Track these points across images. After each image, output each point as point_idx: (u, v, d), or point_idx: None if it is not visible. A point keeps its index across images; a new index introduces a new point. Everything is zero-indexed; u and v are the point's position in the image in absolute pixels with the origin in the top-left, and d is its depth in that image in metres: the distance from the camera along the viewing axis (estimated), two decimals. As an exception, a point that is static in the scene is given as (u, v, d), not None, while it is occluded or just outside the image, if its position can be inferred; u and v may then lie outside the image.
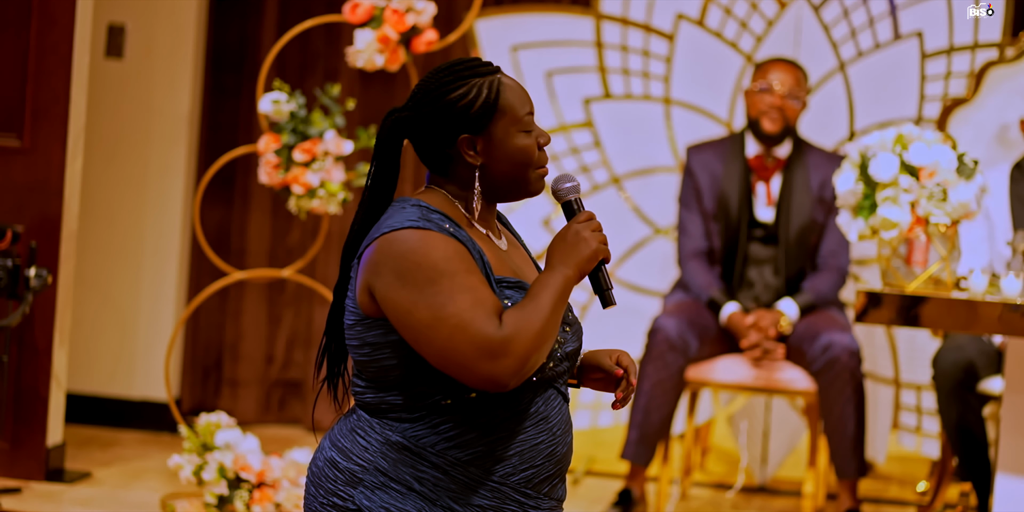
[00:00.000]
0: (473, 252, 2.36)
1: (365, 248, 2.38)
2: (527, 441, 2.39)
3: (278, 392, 6.06)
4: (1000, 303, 3.99)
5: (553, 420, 2.42)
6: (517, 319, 2.28)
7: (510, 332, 2.27)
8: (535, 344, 2.29)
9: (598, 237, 2.37)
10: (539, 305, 2.30)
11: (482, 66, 2.43)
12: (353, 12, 4.72)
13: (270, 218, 5.96)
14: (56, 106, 4.94)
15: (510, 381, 2.28)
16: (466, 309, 2.27)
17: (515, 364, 2.27)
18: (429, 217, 2.35)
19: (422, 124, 2.43)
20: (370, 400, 2.41)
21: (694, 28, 5.54)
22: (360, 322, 2.38)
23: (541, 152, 2.45)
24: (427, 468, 2.37)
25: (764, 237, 5.08)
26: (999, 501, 4.21)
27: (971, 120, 5.32)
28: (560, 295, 2.32)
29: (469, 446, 2.37)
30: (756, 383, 4.93)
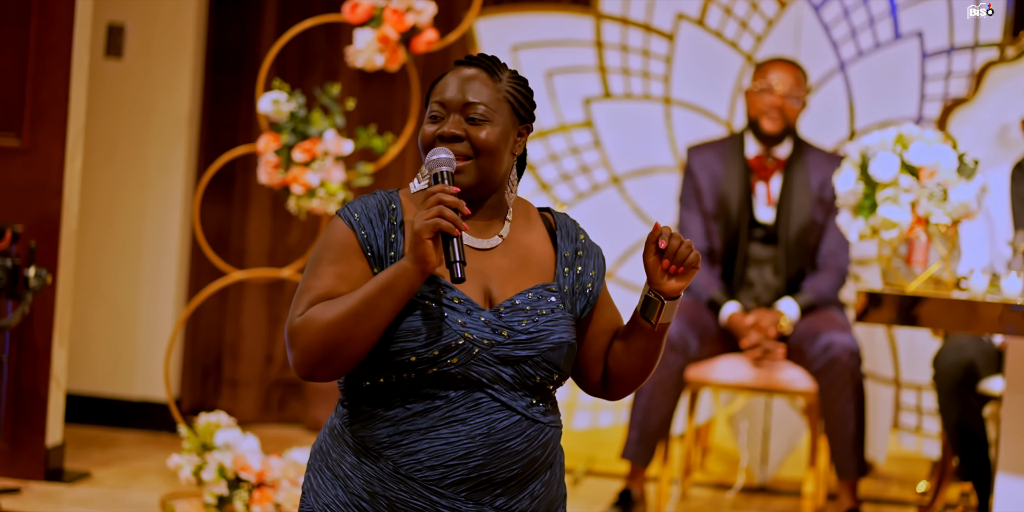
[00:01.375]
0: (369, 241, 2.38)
1: None
2: (437, 439, 2.37)
3: (278, 392, 6.06)
4: (1000, 303, 3.98)
5: (472, 423, 2.38)
6: (315, 310, 2.33)
7: (300, 323, 2.33)
8: (319, 338, 2.31)
9: (426, 214, 2.30)
10: (349, 298, 2.32)
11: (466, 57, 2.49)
12: (353, 12, 4.72)
13: (270, 218, 5.96)
14: (56, 106, 4.94)
15: (300, 370, 2.34)
16: (302, 292, 2.37)
17: (298, 355, 2.33)
18: (366, 201, 2.42)
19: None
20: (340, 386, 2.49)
21: (694, 28, 5.54)
22: None
23: (444, 142, 2.43)
24: (347, 454, 2.41)
25: (764, 237, 5.08)
26: (999, 501, 4.21)
27: (971, 120, 5.31)
28: (381, 287, 2.31)
29: (374, 431, 2.38)
30: (756, 383, 4.92)
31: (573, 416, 5.60)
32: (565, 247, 2.53)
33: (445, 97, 2.43)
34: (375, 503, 2.38)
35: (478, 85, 2.44)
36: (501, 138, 2.44)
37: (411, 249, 2.31)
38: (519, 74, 2.51)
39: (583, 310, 2.50)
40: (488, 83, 2.45)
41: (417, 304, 2.36)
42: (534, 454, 2.43)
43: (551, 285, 2.48)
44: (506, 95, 2.45)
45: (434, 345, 2.35)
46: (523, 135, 2.50)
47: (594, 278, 2.53)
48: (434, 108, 2.44)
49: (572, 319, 2.48)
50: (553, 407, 2.52)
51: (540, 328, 2.42)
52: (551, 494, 2.49)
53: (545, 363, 2.43)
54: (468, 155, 2.42)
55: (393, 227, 2.42)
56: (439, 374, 2.35)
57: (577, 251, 2.53)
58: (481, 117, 2.43)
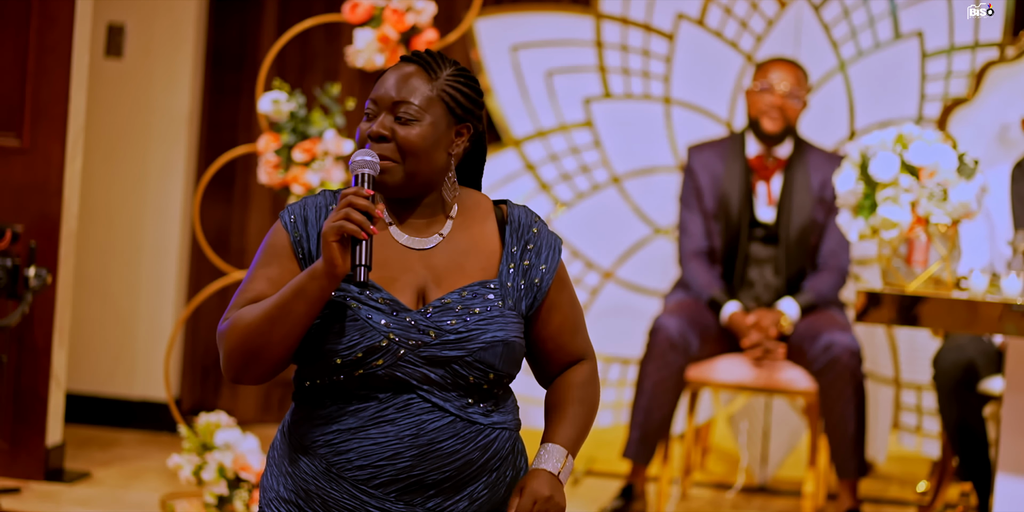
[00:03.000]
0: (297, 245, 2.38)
1: None
2: (366, 439, 2.36)
3: (278, 392, 6.05)
4: (1000, 303, 3.98)
5: (401, 424, 2.35)
6: (239, 314, 2.35)
7: (226, 327, 2.37)
8: (240, 342, 2.34)
9: (333, 216, 2.27)
10: (266, 303, 2.32)
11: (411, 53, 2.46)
12: (353, 12, 4.72)
13: (270, 218, 5.96)
14: (56, 106, 4.94)
15: (227, 374, 2.38)
16: (235, 295, 2.39)
17: (224, 359, 2.37)
18: (306, 202, 2.42)
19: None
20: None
21: (694, 28, 5.54)
22: None
23: (373, 142, 2.39)
24: (289, 450, 2.42)
25: (765, 237, 5.08)
26: (1000, 501, 4.21)
27: (971, 120, 5.31)
28: (294, 291, 2.30)
29: (310, 433, 2.39)
30: (756, 383, 4.92)
31: (573, 416, 5.59)
32: (513, 242, 2.47)
33: (378, 94, 2.40)
34: (310, 501, 2.39)
35: (413, 83, 2.40)
36: (430, 138, 2.39)
37: (323, 251, 2.28)
38: (466, 72, 2.47)
39: (530, 307, 2.45)
40: (424, 80, 2.41)
41: (343, 306, 2.35)
42: (470, 456, 2.38)
43: (490, 282, 2.42)
44: (440, 93, 2.41)
45: (357, 347, 2.33)
46: (463, 134, 2.45)
47: (544, 273, 2.46)
48: (368, 105, 2.41)
49: (515, 316, 2.42)
50: (500, 407, 2.44)
51: (471, 327, 2.37)
52: (496, 497, 2.43)
53: (478, 363, 2.37)
54: (393, 157, 2.38)
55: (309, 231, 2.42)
56: (366, 376, 2.34)
57: (527, 245, 2.47)
58: (409, 116, 2.38)
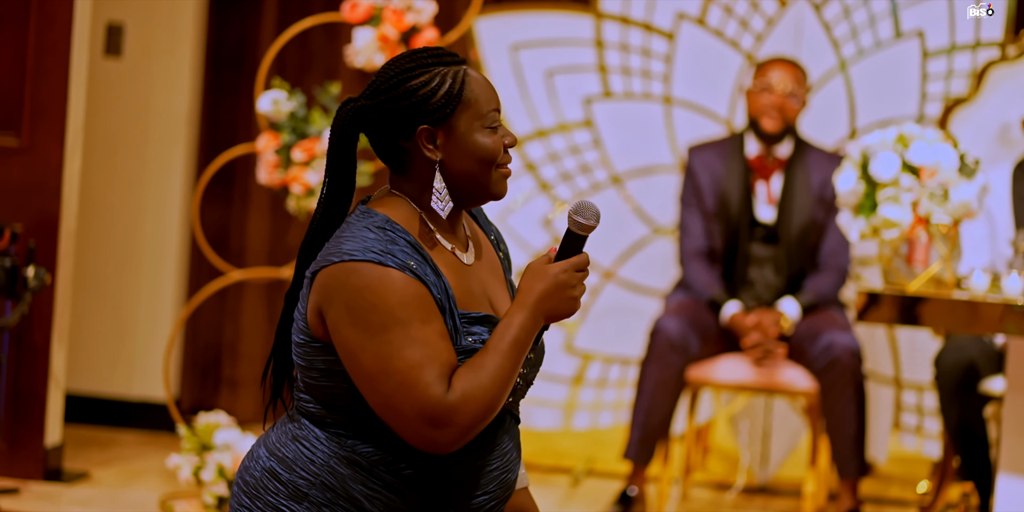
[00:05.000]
0: (435, 291, 2.19)
1: (320, 267, 2.20)
2: (482, 467, 2.27)
3: (277, 392, 6.04)
4: (1001, 303, 3.97)
5: (506, 446, 2.31)
6: (468, 384, 2.13)
7: (457, 401, 2.13)
8: (483, 413, 2.15)
9: (581, 295, 2.21)
10: (498, 366, 2.15)
11: (448, 55, 2.28)
12: (352, 11, 4.71)
13: (269, 218, 5.95)
14: (55, 105, 4.93)
15: (450, 449, 2.16)
16: (414, 366, 2.12)
17: (457, 434, 2.14)
18: (391, 249, 2.17)
19: (379, 114, 2.26)
20: (314, 411, 2.27)
21: (694, 27, 5.53)
22: (309, 343, 2.24)
23: (506, 153, 2.29)
24: (379, 487, 2.23)
25: (765, 236, 5.07)
26: (1000, 501, 4.20)
27: (972, 119, 5.31)
28: (525, 348, 2.18)
29: (424, 469, 2.23)
30: (757, 383, 4.92)
31: (573, 416, 5.59)
32: (490, 231, 2.44)
33: (498, 104, 2.29)
34: None
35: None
36: None
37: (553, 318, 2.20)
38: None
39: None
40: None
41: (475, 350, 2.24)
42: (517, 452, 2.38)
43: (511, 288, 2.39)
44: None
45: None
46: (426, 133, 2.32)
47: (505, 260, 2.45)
48: (492, 115, 2.28)
49: None
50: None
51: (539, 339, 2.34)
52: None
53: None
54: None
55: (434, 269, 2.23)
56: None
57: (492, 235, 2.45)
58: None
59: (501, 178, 2.29)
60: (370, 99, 2.28)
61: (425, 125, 2.25)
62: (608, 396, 5.57)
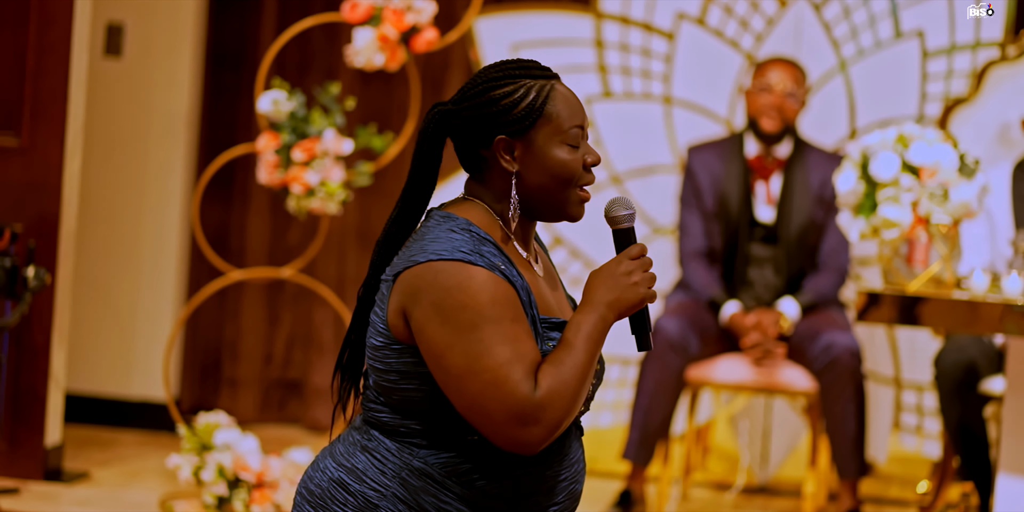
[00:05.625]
0: (522, 293, 2.20)
1: (404, 267, 2.20)
2: (552, 477, 2.27)
3: (277, 392, 6.05)
4: (1001, 303, 3.97)
5: (574, 457, 2.31)
6: (552, 380, 2.13)
7: (544, 397, 2.12)
8: (570, 409, 2.15)
9: (649, 280, 2.21)
10: (576, 361, 2.15)
11: (538, 69, 2.28)
12: (352, 11, 4.71)
13: (269, 218, 5.95)
14: (55, 105, 4.93)
15: (538, 448, 2.15)
16: (503, 364, 2.12)
17: (545, 432, 2.14)
18: (480, 250, 2.18)
19: (461, 120, 2.27)
20: (386, 420, 2.26)
21: (694, 27, 5.53)
22: (389, 346, 2.23)
23: (587, 172, 2.28)
24: (451, 499, 2.22)
25: (765, 237, 5.07)
26: (1000, 501, 4.20)
27: (972, 119, 5.31)
28: (598, 345, 2.18)
29: (496, 480, 2.23)
30: (757, 383, 4.91)
31: (573, 416, 5.59)
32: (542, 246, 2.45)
33: (582, 120, 2.28)
34: None
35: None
36: None
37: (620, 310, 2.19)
38: None
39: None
40: None
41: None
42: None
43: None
44: None
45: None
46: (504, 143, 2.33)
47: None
48: (575, 131, 2.27)
49: None
50: None
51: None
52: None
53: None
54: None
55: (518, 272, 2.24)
56: None
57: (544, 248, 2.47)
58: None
59: (579, 200, 2.29)
60: (455, 104, 2.29)
61: (503, 135, 2.26)
62: (608, 396, 5.57)
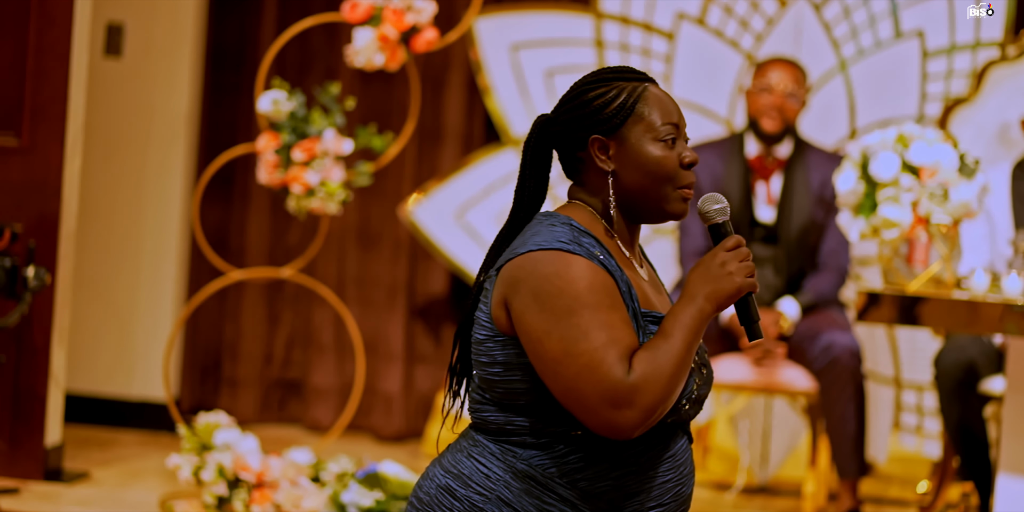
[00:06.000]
0: (621, 283, 2.24)
1: (507, 260, 2.25)
2: (657, 478, 2.28)
3: (277, 392, 6.05)
4: (1001, 303, 3.97)
5: (680, 459, 2.32)
6: (647, 365, 2.15)
7: (638, 380, 2.15)
8: (664, 395, 2.16)
9: (745, 269, 2.23)
10: (672, 348, 2.17)
11: (632, 72, 2.34)
12: (352, 11, 4.71)
13: (269, 218, 5.95)
14: (55, 105, 4.93)
15: (632, 432, 2.16)
16: (598, 348, 2.15)
17: (639, 416, 2.15)
18: (580, 241, 2.23)
19: (560, 125, 2.33)
20: (491, 419, 2.29)
21: (694, 27, 5.53)
22: (492, 338, 2.27)
23: (686, 171, 2.31)
24: (554, 501, 2.24)
25: (765, 237, 5.07)
26: (1000, 501, 4.20)
27: (972, 119, 5.31)
28: (695, 334, 2.19)
29: (599, 479, 2.24)
30: (757, 383, 4.92)
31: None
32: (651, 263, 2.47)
33: (677, 118, 2.31)
34: None
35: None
36: None
37: (718, 299, 2.21)
38: None
39: None
40: None
41: None
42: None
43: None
44: None
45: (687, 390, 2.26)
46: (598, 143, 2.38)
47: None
48: (667, 129, 2.30)
49: None
50: None
51: (707, 359, 2.36)
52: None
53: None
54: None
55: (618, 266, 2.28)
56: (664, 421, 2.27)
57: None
58: (687, 139, 2.34)
59: (679, 198, 2.32)
60: (554, 112, 2.35)
61: (597, 135, 2.30)
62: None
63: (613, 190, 2.31)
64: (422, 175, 5.86)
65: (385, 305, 5.91)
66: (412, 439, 5.91)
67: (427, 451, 5.66)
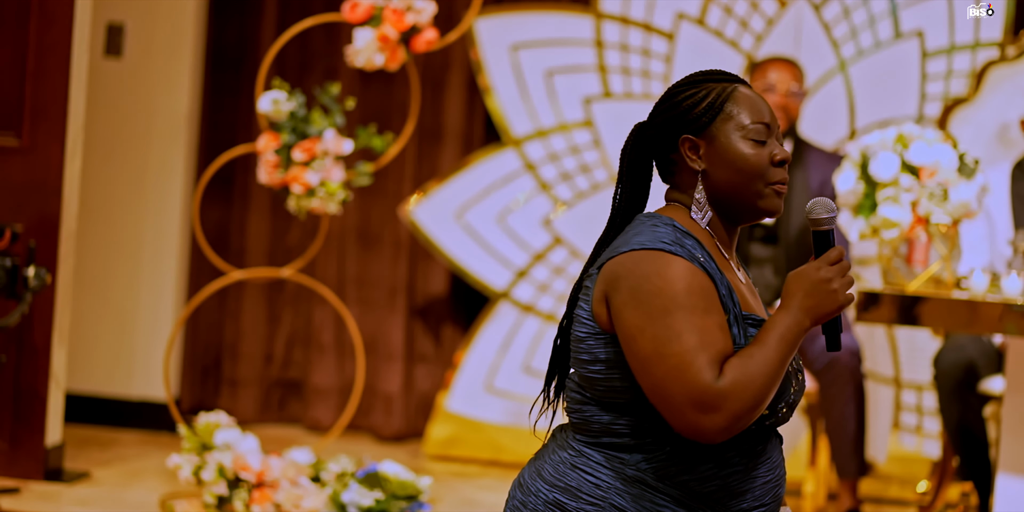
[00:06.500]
0: (721, 287, 2.25)
1: (608, 258, 2.27)
2: (759, 478, 2.29)
3: (277, 392, 6.05)
4: (1001, 303, 3.98)
5: (776, 461, 2.33)
6: (739, 372, 2.16)
7: (727, 386, 2.15)
8: (753, 403, 2.16)
9: (847, 285, 2.23)
10: (766, 358, 2.18)
11: (722, 74, 2.37)
12: (352, 11, 4.71)
13: (269, 217, 5.95)
14: (55, 105, 4.93)
15: (716, 436, 2.17)
16: (689, 350, 2.16)
17: (724, 421, 2.15)
18: (683, 242, 2.24)
19: (653, 129, 2.36)
20: (594, 420, 2.29)
21: (694, 27, 5.54)
22: (594, 336, 2.28)
23: (777, 167, 2.31)
24: (667, 502, 2.25)
25: (764, 237, 5.08)
26: (1000, 501, 4.20)
27: (972, 119, 5.31)
28: (791, 347, 2.20)
29: (708, 480, 2.26)
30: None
31: (573, 416, 5.59)
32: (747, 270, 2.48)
33: (769, 118, 2.33)
34: None
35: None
36: None
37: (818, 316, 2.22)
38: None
39: None
40: None
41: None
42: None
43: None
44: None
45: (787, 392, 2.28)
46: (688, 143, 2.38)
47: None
48: (757, 128, 2.31)
49: None
50: None
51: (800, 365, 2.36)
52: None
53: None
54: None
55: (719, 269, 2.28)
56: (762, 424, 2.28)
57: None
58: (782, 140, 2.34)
59: (772, 194, 2.33)
60: (649, 118, 2.38)
61: (687, 135, 2.33)
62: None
63: (704, 188, 2.32)
64: (422, 175, 5.86)
65: (385, 305, 5.91)
66: (412, 439, 5.92)
67: (427, 451, 5.67)
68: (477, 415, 5.64)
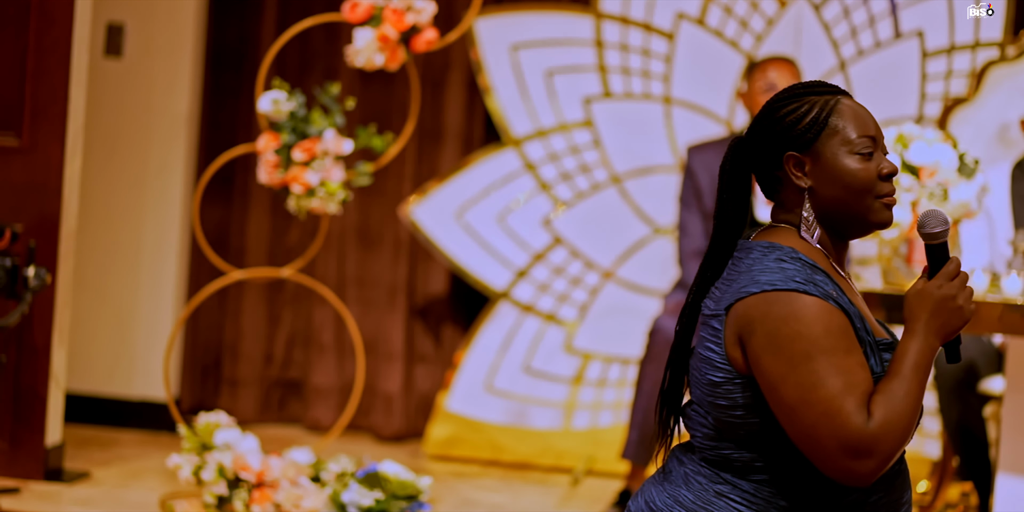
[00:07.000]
0: (855, 320, 2.20)
1: (737, 299, 2.20)
2: (904, 498, 2.28)
3: (277, 392, 6.05)
4: (1001, 303, 3.97)
5: (908, 480, 2.30)
6: (886, 412, 2.12)
7: (877, 429, 2.11)
8: (903, 440, 2.13)
9: (969, 297, 2.20)
10: (908, 391, 2.13)
11: (822, 86, 2.31)
12: (353, 11, 4.71)
13: (269, 217, 5.95)
14: (55, 105, 4.93)
15: (870, 480, 2.13)
16: (836, 395, 2.11)
17: (878, 464, 2.12)
18: (814, 279, 2.18)
19: (754, 145, 2.30)
20: (735, 458, 2.25)
21: (694, 27, 5.54)
22: (731, 380, 2.22)
23: (885, 181, 2.27)
24: None
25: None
26: (1000, 501, 4.20)
27: (972, 119, 5.31)
28: (926, 372, 2.15)
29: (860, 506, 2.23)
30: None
31: (573, 416, 5.60)
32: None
33: (873, 131, 2.27)
34: None
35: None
36: None
37: (946, 335, 2.19)
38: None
39: None
40: None
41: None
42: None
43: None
44: None
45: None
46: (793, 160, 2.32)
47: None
48: (863, 142, 2.26)
49: None
50: None
51: None
52: None
53: None
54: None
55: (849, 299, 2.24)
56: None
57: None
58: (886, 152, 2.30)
59: (882, 207, 2.28)
60: (747, 133, 2.32)
61: (791, 151, 2.27)
62: (608, 396, 5.57)
63: (811, 206, 2.26)
64: (422, 175, 5.86)
65: (385, 305, 5.91)
66: (412, 439, 5.92)
67: (427, 451, 5.67)
68: (477, 415, 5.64)
